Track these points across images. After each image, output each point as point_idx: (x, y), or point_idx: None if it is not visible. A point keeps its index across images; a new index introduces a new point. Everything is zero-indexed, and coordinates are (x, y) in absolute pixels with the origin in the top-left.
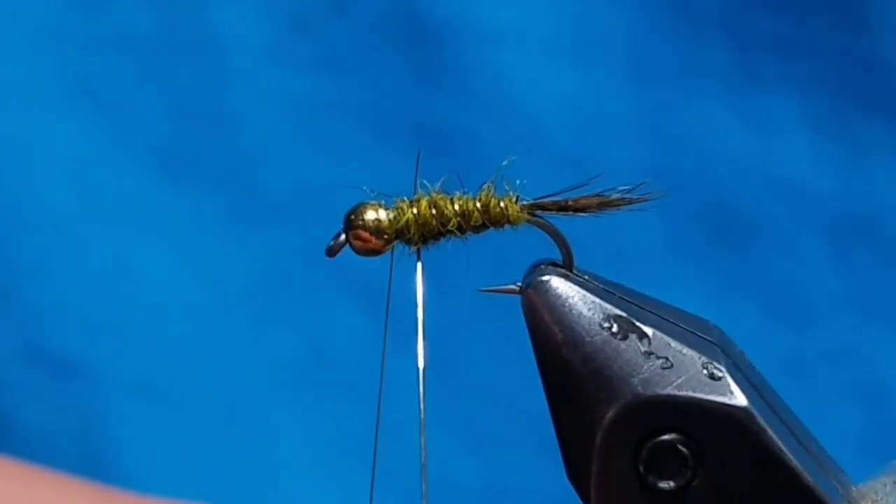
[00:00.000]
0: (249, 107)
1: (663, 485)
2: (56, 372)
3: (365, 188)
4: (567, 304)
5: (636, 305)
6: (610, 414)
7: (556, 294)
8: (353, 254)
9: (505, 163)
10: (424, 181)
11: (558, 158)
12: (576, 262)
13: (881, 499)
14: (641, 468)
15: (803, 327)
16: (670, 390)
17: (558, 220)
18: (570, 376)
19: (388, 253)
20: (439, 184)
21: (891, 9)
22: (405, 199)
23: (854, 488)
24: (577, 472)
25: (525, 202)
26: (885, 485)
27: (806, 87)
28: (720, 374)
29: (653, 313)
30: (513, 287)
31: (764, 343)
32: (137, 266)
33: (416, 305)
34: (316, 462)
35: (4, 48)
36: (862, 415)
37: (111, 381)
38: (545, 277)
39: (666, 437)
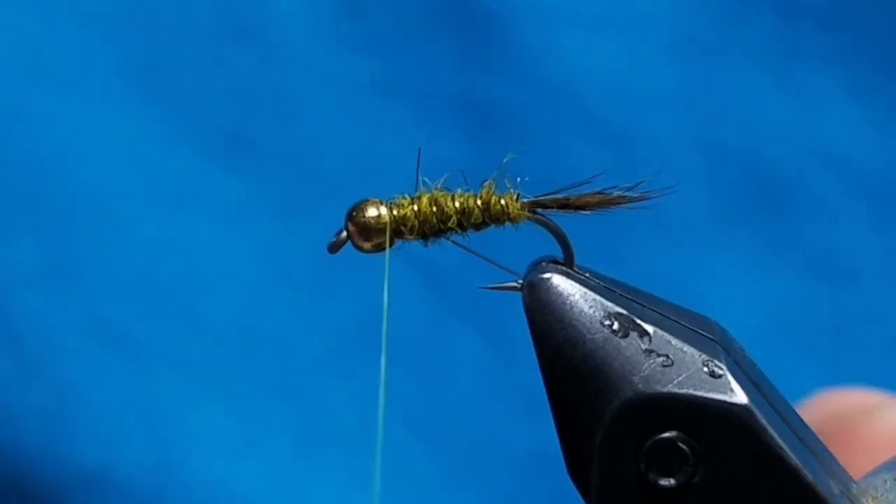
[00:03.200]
0: (305, 89)
1: (664, 482)
2: (116, 348)
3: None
4: (568, 302)
5: (637, 303)
6: (611, 411)
7: (557, 291)
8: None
9: (505, 160)
10: (425, 180)
11: (603, 132)
12: (576, 260)
13: (881, 495)
14: (642, 465)
15: (847, 289)
16: (671, 388)
17: (560, 218)
18: (571, 374)
19: (390, 249)
20: (441, 181)
21: None
22: (406, 195)
23: (854, 485)
24: (578, 469)
25: (526, 199)
26: (885, 481)
27: (847, 59)
28: (721, 372)
29: (654, 311)
30: (514, 284)
31: (809, 305)
32: (195, 246)
33: (469, 283)
34: (368, 436)
35: (65, 34)
36: None
37: (169, 357)
38: (546, 275)
39: (666, 434)
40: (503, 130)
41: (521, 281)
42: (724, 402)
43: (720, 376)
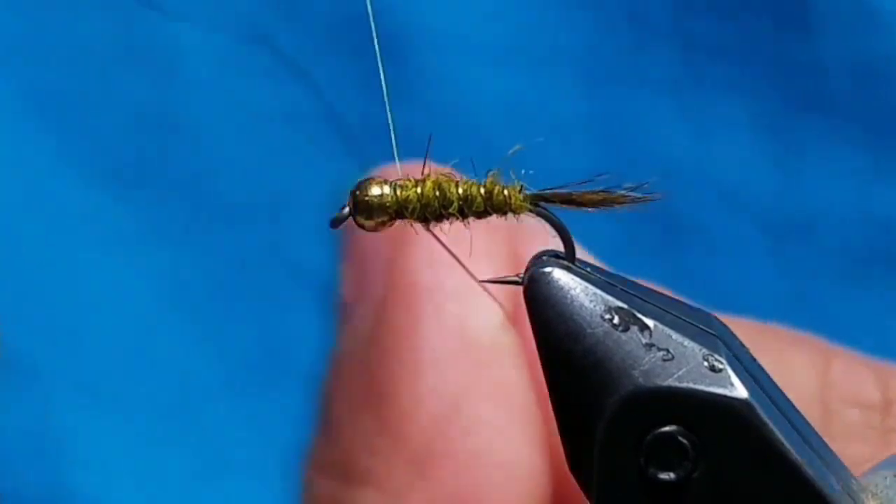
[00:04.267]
0: (204, 116)
1: (664, 476)
2: (11, 373)
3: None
4: (569, 296)
5: (638, 297)
6: (611, 405)
7: (558, 285)
8: (310, 253)
9: (511, 151)
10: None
11: (507, 162)
12: (578, 254)
13: (881, 492)
14: (642, 460)
15: None
16: (671, 382)
17: (562, 213)
18: (572, 368)
19: (389, 228)
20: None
21: (830, 14)
22: (411, 178)
23: (854, 481)
24: (578, 463)
25: (530, 192)
26: (885, 478)
27: (749, 91)
28: (721, 367)
29: (654, 305)
30: (514, 278)
31: None
32: (90, 272)
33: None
34: (264, 461)
35: None
36: None
37: (66, 383)
38: (547, 269)
39: (667, 428)
40: (403, 157)
41: (521, 275)
42: (725, 396)
43: (720, 370)
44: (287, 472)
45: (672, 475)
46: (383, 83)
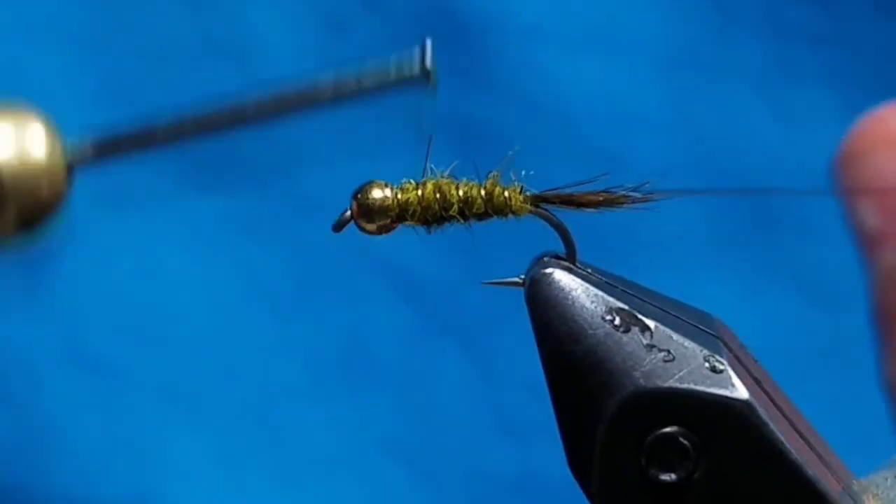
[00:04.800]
0: None
1: (665, 477)
2: (92, 376)
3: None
4: (570, 297)
5: (638, 298)
6: (612, 406)
7: (559, 287)
8: (395, 246)
9: (511, 152)
10: (432, 166)
11: (591, 153)
12: (578, 255)
13: (882, 493)
14: (643, 461)
15: (840, 312)
16: (672, 383)
17: (563, 214)
18: (572, 369)
19: (392, 232)
20: (448, 169)
21: None
22: (412, 181)
23: (855, 482)
24: (579, 464)
25: (530, 193)
26: (887, 478)
27: (838, 79)
28: (722, 367)
29: (655, 306)
30: (516, 280)
31: (803, 328)
32: (168, 268)
33: (453, 300)
34: (349, 461)
35: (41, 54)
36: None
37: (146, 385)
38: (548, 270)
39: (667, 429)
40: (489, 151)
41: (522, 276)
42: (725, 397)
43: (721, 371)
44: (372, 467)
45: (673, 476)
46: None
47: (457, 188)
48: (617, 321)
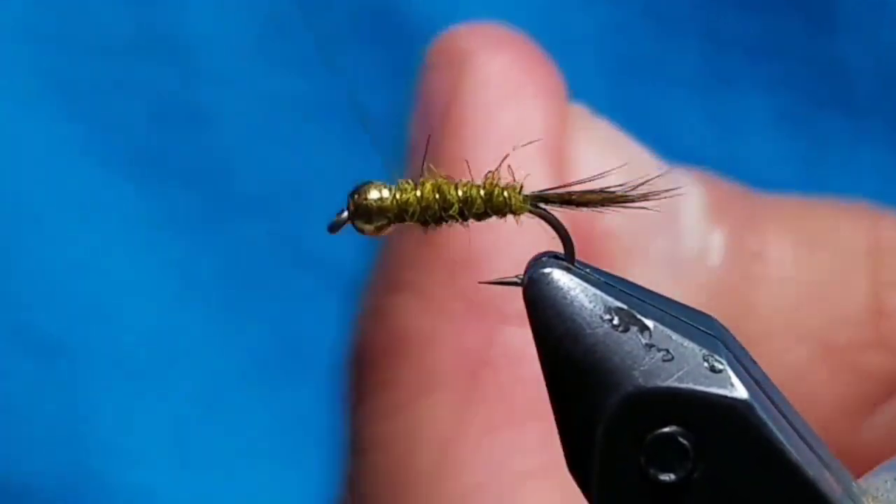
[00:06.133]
0: (224, 106)
1: (664, 477)
2: (40, 356)
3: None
4: (568, 297)
5: (637, 298)
6: (611, 406)
7: (558, 286)
8: (330, 244)
9: (508, 153)
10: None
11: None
12: (577, 255)
13: (881, 495)
14: (642, 460)
15: None
16: (671, 382)
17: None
18: (572, 368)
19: (389, 232)
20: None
21: (856, 12)
22: (410, 181)
23: (854, 484)
24: (578, 464)
25: (528, 193)
26: (886, 481)
27: (773, 88)
28: (721, 367)
29: (654, 306)
30: (514, 279)
31: None
32: (112, 258)
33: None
34: (279, 451)
35: None
36: None
37: (86, 364)
38: (547, 270)
39: (667, 429)
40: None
41: (521, 276)
42: (725, 396)
43: (720, 371)
44: (309, 457)
45: (672, 476)
46: None
47: (456, 188)
48: (616, 321)
